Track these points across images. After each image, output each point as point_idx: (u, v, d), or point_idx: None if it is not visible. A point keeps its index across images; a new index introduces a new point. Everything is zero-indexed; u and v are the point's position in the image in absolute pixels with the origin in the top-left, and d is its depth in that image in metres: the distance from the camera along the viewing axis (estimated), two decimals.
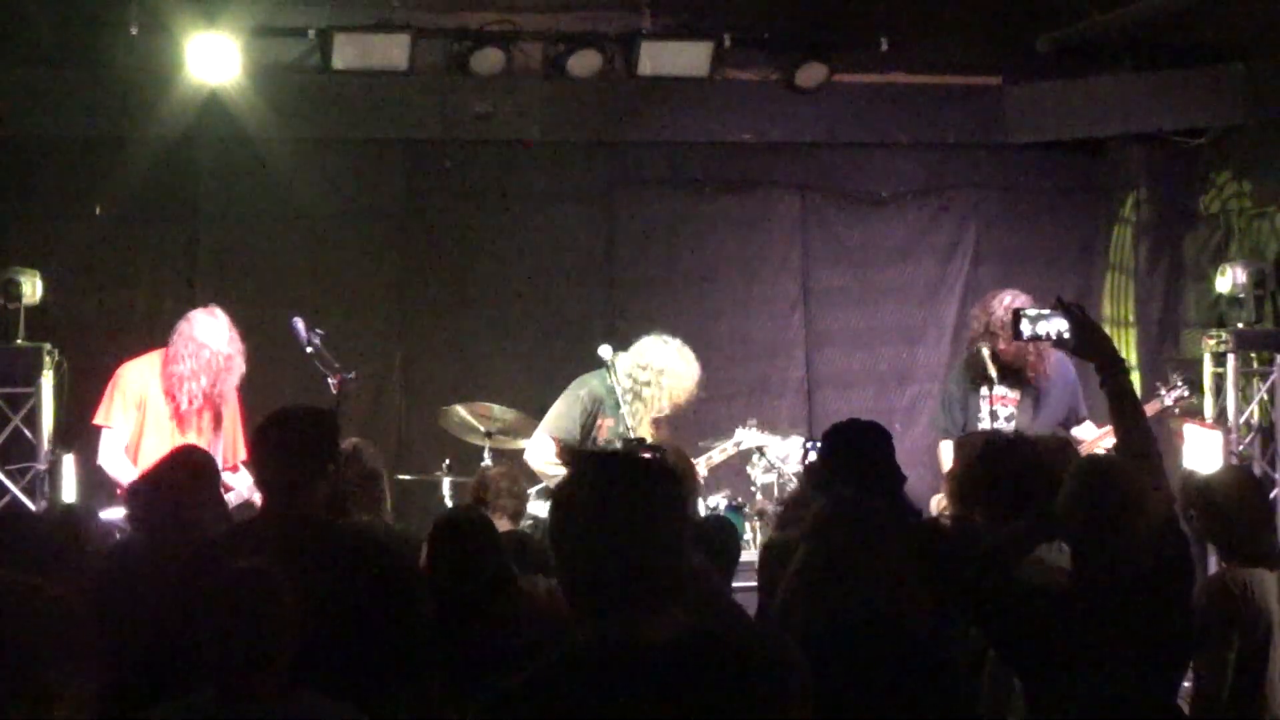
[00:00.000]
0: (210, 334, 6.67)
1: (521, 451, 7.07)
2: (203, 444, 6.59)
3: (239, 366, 6.74)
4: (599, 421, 6.76)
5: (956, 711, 3.53)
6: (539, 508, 6.63)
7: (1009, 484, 4.26)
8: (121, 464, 6.57)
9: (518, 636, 4.18)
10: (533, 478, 6.82)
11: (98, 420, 6.71)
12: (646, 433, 6.67)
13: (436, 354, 8.64)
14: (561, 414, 6.81)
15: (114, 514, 6.03)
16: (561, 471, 6.66)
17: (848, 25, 8.35)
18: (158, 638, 3.74)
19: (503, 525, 5.41)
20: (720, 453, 7.03)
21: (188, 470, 4.60)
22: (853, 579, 3.42)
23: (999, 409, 7.03)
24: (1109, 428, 6.64)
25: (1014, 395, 7.09)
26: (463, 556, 4.33)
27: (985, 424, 6.89)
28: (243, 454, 6.81)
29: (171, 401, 6.66)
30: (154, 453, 6.51)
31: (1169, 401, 7.48)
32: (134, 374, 6.72)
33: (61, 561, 4.01)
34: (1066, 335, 4.03)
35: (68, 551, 4.16)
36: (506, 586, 4.38)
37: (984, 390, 7.02)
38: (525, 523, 6.11)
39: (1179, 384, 7.48)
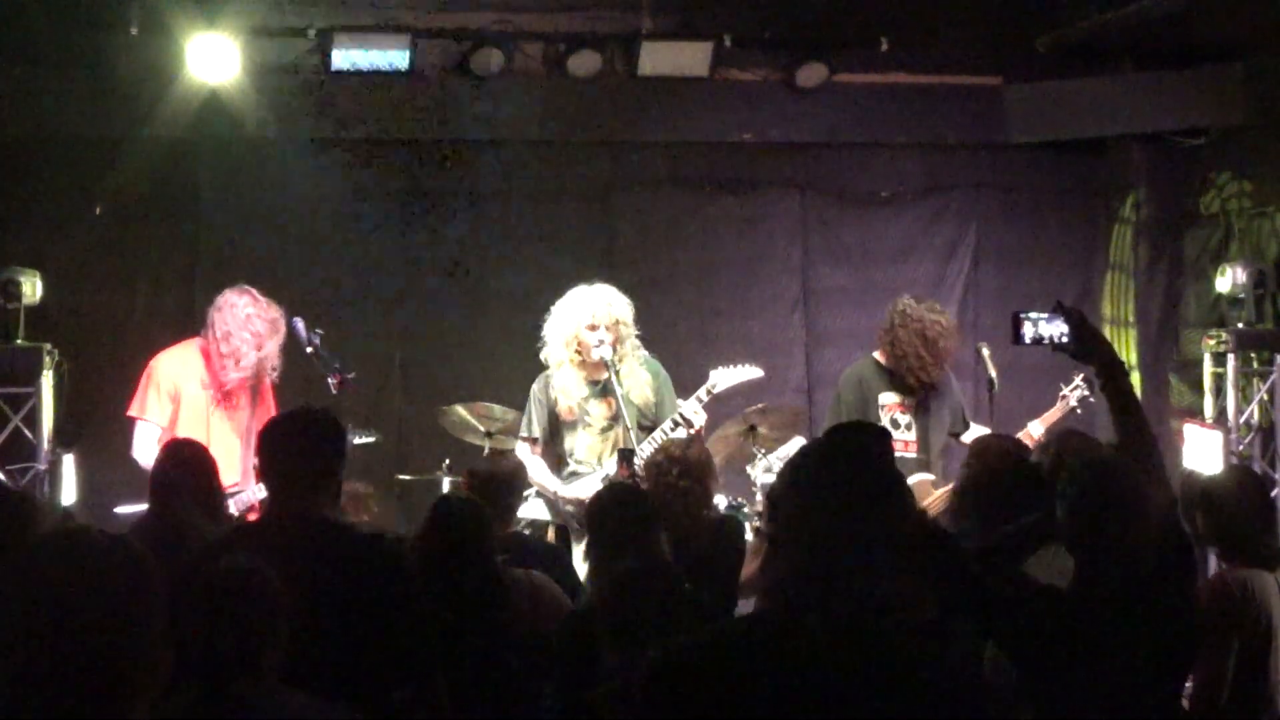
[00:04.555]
0: (252, 305, 6.68)
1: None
2: (238, 432, 6.63)
3: (282, 330, 6.72)
4: (555, 401, 6.74)
5: (960, 709, 3.53)
6: (534, 509, 6.65)
7: (1025, 487, 4.26)
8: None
9: (508, 627, 4.19)
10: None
11: (132, 412, 6.67)
12: (578, 379, 6.65)
13: (436, 354, 8.64)
14: (525, 416, 6.84)
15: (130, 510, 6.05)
16: (541, 471, 6.66)
17: (848, 25, 8.35)
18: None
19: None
20: (696, 402, 6.87)
21: (178, 465, 4.63)
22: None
23: (898, 417, 7.05)
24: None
25: (909, 403, 7.10)
26: (453, 537, 4.35)
27: None
28: None
29: (214, 388, 6.62)
30: None
31: (1073, 402, 7.44)
32: (168, 365, 6.69)
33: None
34: (1066, 339, 4.03)
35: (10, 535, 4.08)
36: (495, 573, 4.40)
37: (881, 399, 7.05)
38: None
39: (1080, 383, 7.44)
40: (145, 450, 6.56)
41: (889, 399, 7.09)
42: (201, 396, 6.65)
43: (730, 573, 5.38)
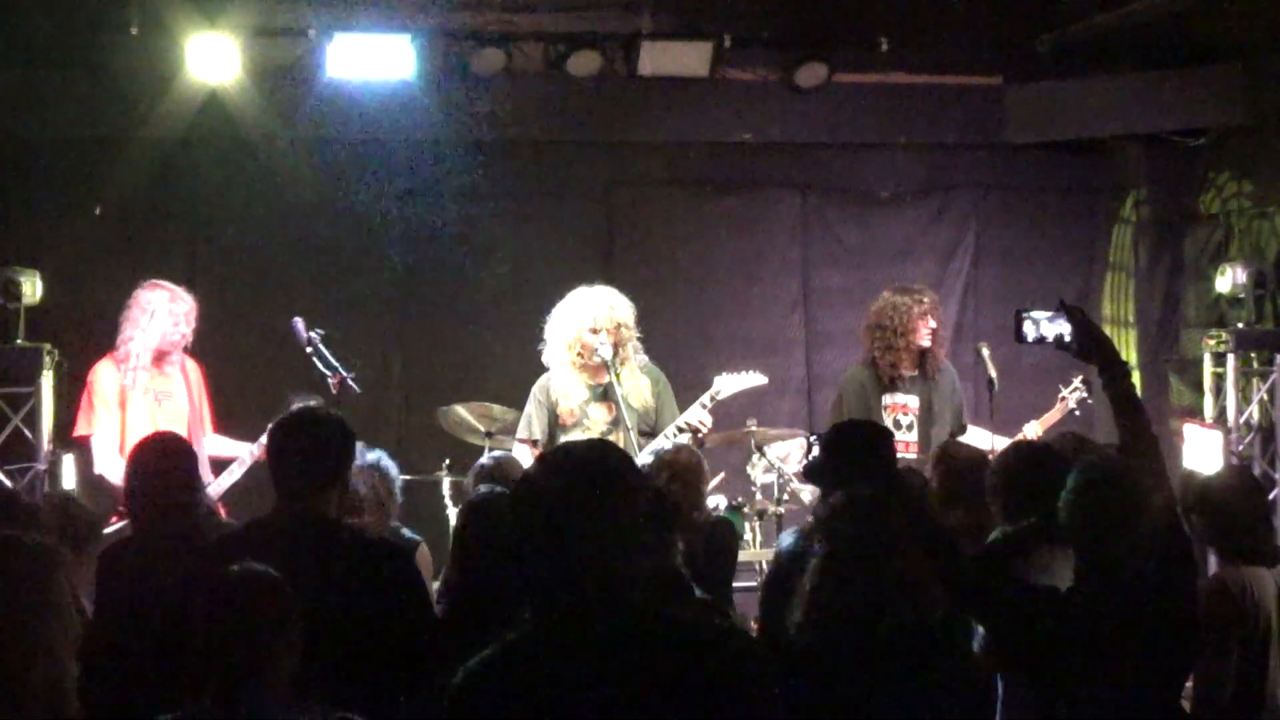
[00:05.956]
0: (151, 294, 6.73)
1: None
2: (184, 420, 6.63)
3: (189, 314, 6.75)
4: (556, 403, 6.74)
5: (971, 706, 3.54)
6: None
7: (1027, 486, 4.27)
8: (120, 467, 6.54)
9: None
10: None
11: (83, 431, 6.65)
12: (579, 381, 6.66)
13: (436, 354, 8.65)
14: (525, 417, 6.83)
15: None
16: None
17: (848, 25, 8.35)
18: (159, 643, 3.73)
19: None
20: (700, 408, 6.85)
21: (167, 457, 4.61)
22: (873, 576, 3.43)
23: (900, 418, 7.05)
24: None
25: (913, 404, 7.10)
26: (494, 535, 4.35)
27: None
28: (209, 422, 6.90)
29: (159, 388, 6.65)
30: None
31: (1072, 404, 7.43)
32: (105, 374, 6.68)
33: None
34: (1068, 338, 4.03)
35: None
36: None
37: (885, 400, 7.05)
38: None
39: (1079, 385, 7.42)
40: (108, 464, 6.54)
41: (891, 400, 7.09)
42: (143, 402, 6.65)
43: (723, 574, 5.38)
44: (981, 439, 7.13)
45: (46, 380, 7.35)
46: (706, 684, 2.40)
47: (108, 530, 5.90)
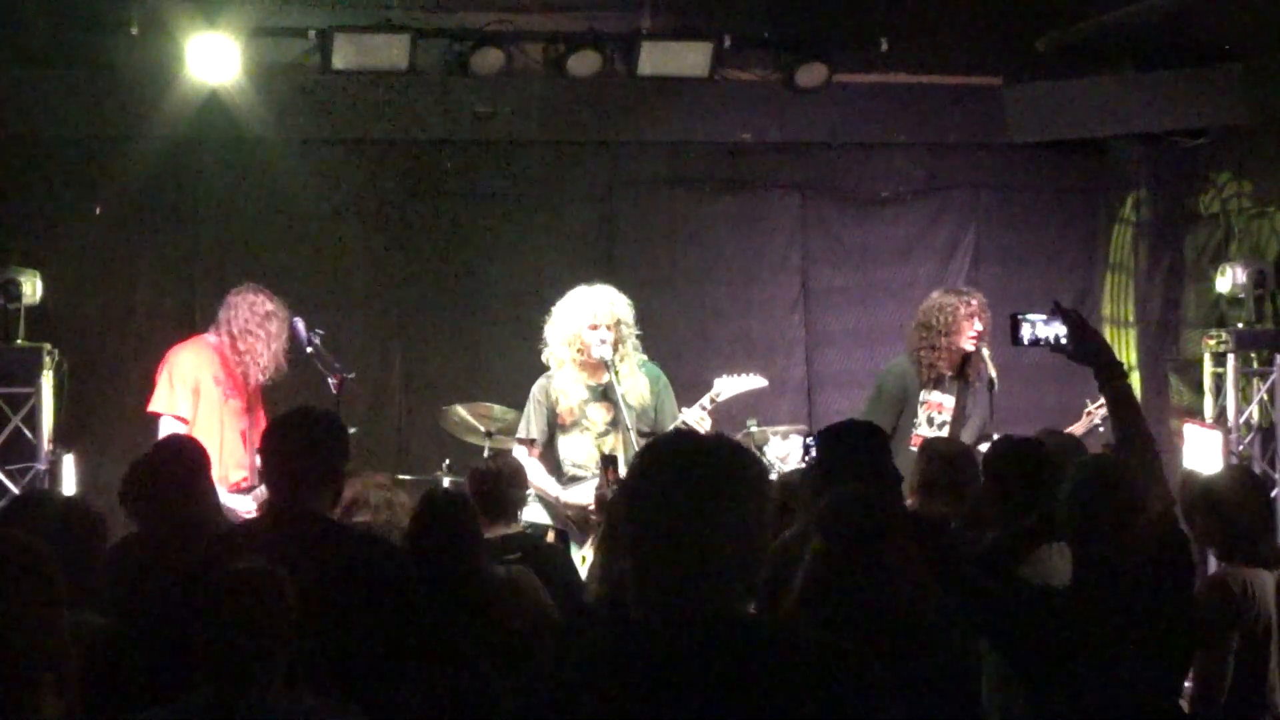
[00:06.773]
0: (269, 303, 6.83)
1: None
2: (242, 429, 6.74)
3: (286, 329, 6.85)
4: (555, 402, 6.75)
5: (969, 704, 3.55)
6: (533, 512, 6.64)
7: (1021, 484, 4.28)
8: None
9: (488, 625, 4.20)
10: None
11: (157, 408, 6.71)
12: (579, 381, 6.67)
13: (436, 354, 8.65)
14: (524, 417, 6.85)
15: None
16: (540, 475, 6.69)
17: (848, 25, 8.34)
18: (159, 636, 3.75)
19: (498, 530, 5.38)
20: (700, 409, 6.76)
21: (182, 461, 4.63)
22: (869, 573, 3.44)
23: (934, 415, 7.06)
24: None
25: (948, 404, 7.11)
26: (440, 530, 4.37)
27: (922, 429, 6.94)
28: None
29: (225, 384, 6.70)
30: (206, 439, 6.54)
31: (1097, 419, 7.40)
32: (186, 358, 6.78)
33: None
34: (1064, 340, 4.03)
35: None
36: (478, 569, 4.41)
37: (923, 396, 7.08)
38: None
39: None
40: None
41: (928, 397, 7.11)
42: (215, 392, 6.75)
43: None
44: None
45: (46, 380, 7.35)
46: (801, 695, 2.35)
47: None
